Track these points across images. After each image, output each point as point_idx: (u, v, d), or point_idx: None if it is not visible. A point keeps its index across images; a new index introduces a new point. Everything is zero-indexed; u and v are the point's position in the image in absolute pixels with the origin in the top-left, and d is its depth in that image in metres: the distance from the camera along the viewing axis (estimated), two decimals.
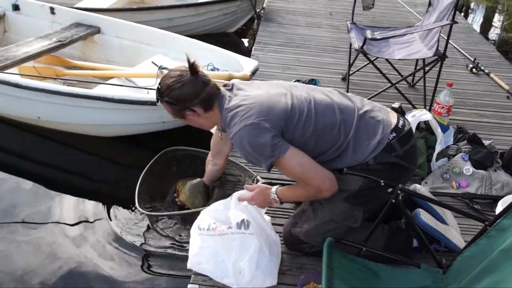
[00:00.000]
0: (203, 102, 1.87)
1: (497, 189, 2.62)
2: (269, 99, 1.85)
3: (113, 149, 3.47)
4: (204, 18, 5.38)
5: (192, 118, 1.92)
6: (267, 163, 1.79)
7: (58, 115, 3.33)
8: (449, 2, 3.22)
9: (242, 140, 1.78)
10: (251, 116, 1.78)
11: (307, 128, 1.83)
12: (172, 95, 1.85)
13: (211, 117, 1.93)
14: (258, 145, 1.76)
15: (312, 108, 1.86)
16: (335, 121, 1.87)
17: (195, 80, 1.86)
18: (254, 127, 1.76)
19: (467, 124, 3.35)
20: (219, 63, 3.55)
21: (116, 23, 4.29)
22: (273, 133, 1.76)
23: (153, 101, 3.00)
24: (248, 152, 1.79)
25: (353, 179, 1.88)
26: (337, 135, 1.86)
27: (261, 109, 1.80)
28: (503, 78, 4.21)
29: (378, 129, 1.88)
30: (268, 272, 1.95)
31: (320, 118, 1.86)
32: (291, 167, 1.81)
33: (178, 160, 2.84)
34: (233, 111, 1.84)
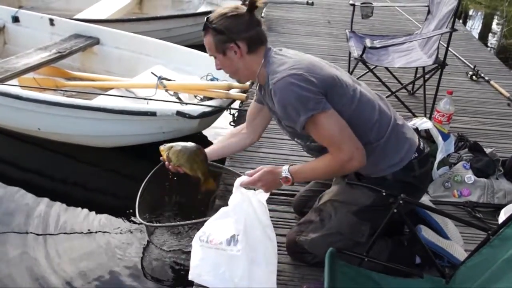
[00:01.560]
0: (251, 40, 1.80)
1: (499, 197, 2.60)
2: (320, 62, 1.83)
3: (113, 160, 3.47)
4: None
5: (232, 56, 1.82)
6: (305, 116, 1.69)
7: (59, 126, 3.33)
8: (448, 10, 3.23)
9: (286, 86, 1.70)
10: (300, 68, 1.73)
11: (345, 110, 1.77)
12: (222, 23, 1.78)
13: (252, 62, 1.84)
14: (303, 95, 1.68)
15: (357, 94, 1.83)
16: (373, 118, 1.84)
17: (250, 15, 1.80)
18: (303, 78, 1.70)
19: (468, 132, 3.34)
20: (219, 73, 3.52)
21: (115, 34, 4.30)
22: (318, 89, 1.71)
23: (153, 111, 3.01)
24: (289, 101, 1.70)
25: (366, 194, 1.87)
26: (368, 133, 1.82)
27: (311, 67, 1.76)
28: (503, 85, 4.20)
29: (405, 146, 1.87)
30: (265, 281, 1.90)
31: (360, 107, 1.82)
32: (329, 126, 1.72)
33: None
34: (282, 59, 1.79)
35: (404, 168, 1.85)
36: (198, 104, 3.11)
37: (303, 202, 2.31)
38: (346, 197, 1.95)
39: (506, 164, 2.79)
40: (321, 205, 2.01)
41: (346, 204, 1.91)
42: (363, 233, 1.91)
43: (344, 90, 1.80)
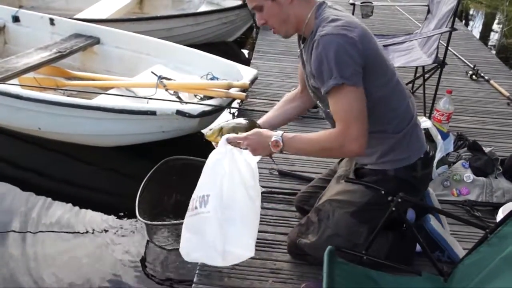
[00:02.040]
0: None
1: (498, 196, 2.60)
2: (370, 34, 1.72)
3: (113, 159, 3.48)
4: (203, 27, 5.40)
5: (282, 1, 1.69)
6: (335, 82, 1.59)
7: (59, 126, 3.34)
8: (448, 9, 3.23)
9: (333, 43, 1.59)
10: (353, 31, 1.62)
11: (376, 91, 1.72)
12: None
13: (301, 9, 1.71)
14: (345, 60, 1.59)
15: (394, 81, 1.79)
16: (398, 110, 1.81)
17: None
18: (352, 42, 1.60)
19: (467, 131, 3.34)
20: (219, 72, 3.56)
21: (116, 33, 4.31)
22: (360, 61, 1.62)
23: (153, 110, 3.02)
24: (328, 59, 1.59)
25: (364, 192, 1.86)
26: (389, 122, 1.79)
27: (363, 35, 1.65)
28: (503, 84, 4.20)
29: (415, 146, 1.86)
30: (241, 245, 1.82)
31: (391, 94, 1.78)
32: (351, 102, 1.63)
33: (179, 169, 2.83)
34: (336, 15, 1.68)
35: (407, 167, 1.84)
36: (198, 103, 3.12)
37: (304, 199, 2.29)
38: (345, 196, 1.93)
39: (505, 163, 2.79)
40: (320, 205, 2.00)
41: (344, 204, 1.89)
42: (361, 234, 1.90)
43: (383, 71, 1.74)
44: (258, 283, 2.02)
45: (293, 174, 2.74)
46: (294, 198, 2.38)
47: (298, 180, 2.70)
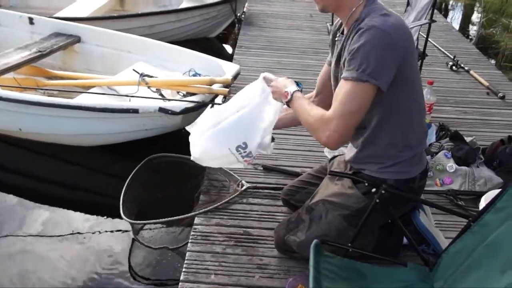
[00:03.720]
0: None
1: (480, 185, 2.64)
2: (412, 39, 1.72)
3: (96, 159, 3.45)
4: (185, 24, 5.37)
5: None
6: (359, 76, 1.56)
7: (40, 126, 3.30)
8: (427, 1, 3.27)
9: (378, 39, 1.55)
10: (401, 33, 1.60)
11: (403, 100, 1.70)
12: None
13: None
14: (382, 61, 1.56)
15: (420, 94, 1.80)
16: (419, 126, 1.81)
17: None
18: (396, 45, 1.57)
19: (449, 121, 3.37)
20: (201, 69, 3.54)
21: (96, 31, 4.26)
22: (397, 66, 1.59)
23: (135, 108, 3.00)
24: (367, 52, 1.55)
25: (359, 199, 1.84)
26: (406, 136, 1.77)
27: (409, 37, 1.64)
28: (482, 74, 4.25)
29: (420, 163, 1.85)
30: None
31: (416, 108, 1.77)
32: (357, 95, 1.59)
33: (162, 167, 2.82)
34: (387, 11, 1.65)
35: (408, 179, 1.82)
36: (181, 100, 3.10)
37: (291, 193, 2.28)
38: (340, 199, 1.90)
39: (486, 152, 2.84)
40: (313, 204, 1.97)
41: (338, 207, 1.87)
42: (349, 238, 1.87)
43: (413, 83, 1.72)
44: (245, 279, 2.03)
45: (278, 169, 2.75)
46: (279, 192, 2.39)
47: (282, 175, 2.71)
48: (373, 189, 1.80)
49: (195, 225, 2.32)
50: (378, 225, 1.96)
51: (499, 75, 4.44)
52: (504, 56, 5.78)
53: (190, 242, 2.22)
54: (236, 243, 2.21)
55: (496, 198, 1.60)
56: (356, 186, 1.87)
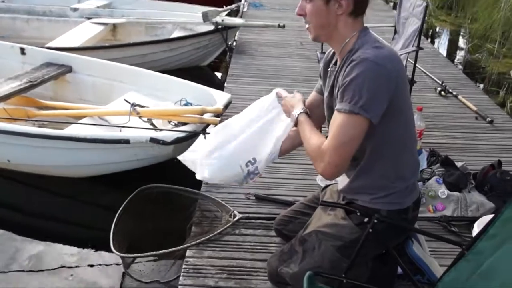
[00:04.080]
0: (360, 2, 1.66)
1: (472, 210, 2.65)
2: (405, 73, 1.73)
3: (86, 190, 3.40)
4: (177, 53, 5.41)
5: (333, 9, 1.65)
6: (352, 109, 1.56)
7: (30, 158, 3.27)
8: (414, 29, 3.32)
9: (371, 71, 1.55)
10: (395, 65, 1.61)
11: (395, 131, 1.70)
12: None
13: (346, 26, 1.67)
14: (376, 94, 1.56)
15: (412, 127, 1.80)
16: (412, 158, 1.81)
17: None
18: (390, 78, 1.58)
19: (439, 146, 3.40)
20: (192, 98, 3.54)
21: (88, 61, 4.27)
22: (389, 99, 1.59)
23: (126, 139, 2.99)
24: (360, 84, 1.55)
25: (353, 229, 1.82)
26: (399, 167, 1.77)
27: (402, 70, 1.65)
28: (470, 99, 4.31)
29: (412, 194, 1.84)
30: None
31: (409, 140, 1.78)
32: (351, 128, 1.59)
33: (154, 198, 2.80)
34: (380, 42, 1.66)
35: (400, 210, 1.81)
36: (172, 130, 3.10)
37: (284, 223, 2.24)
38: (333, 230, 1.87)
39: (477, 177, 2.86)
40: (306, 235, 1.94)
41: (331, 238, 1.85)
42: (343, 269, 1.84)
43: (405, 114, 1.73)
44: None
45: (270, 198, 2.74)
46: (272, 222, 2.36)
47: (275, 204, 2.70)
48: (366, 219, 1.79)
49: (187, 258, 2.29)
50: (372, 256, 1.95)
51: (486, 100, 4.52)
52: (491, 81, 5.87)
53: (182, 276, 2.19)
54: (229, 276, 2.18)
55: (489, 225, 1.60)
56: (349, 216, 1.86)
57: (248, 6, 7.68)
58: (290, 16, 6.39)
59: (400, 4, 3.73)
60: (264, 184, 2.85)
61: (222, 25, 5.43)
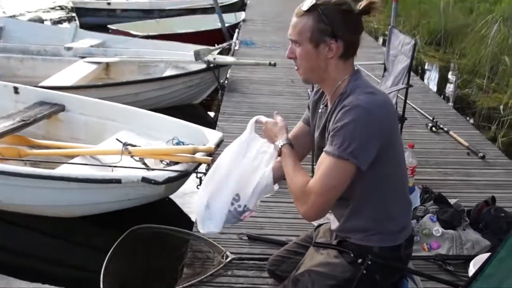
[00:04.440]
0: (350, 45, 1.64)
1: (468, 248, 2.63)
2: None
3: (78, 230, 3.37)
4: (169, 91, 5.45)
5: (323, 53, 1.62)
6: (341, 154, 1.55)
7: (21, 197, 3.24)
8: (403, 66, 3.37)
9: (364, 119, 1.54)
10: (387, 113, 1.61)
11: (385, 174, 1.69)
12: (332, 13, 1.59)
13: (336, 69, 1.65)
14: (366, 142, 1.55)
15: (403, 170, 1.79)
16: (398, 191, 1.78)
17: (360, 19, 1.64)
18: (382, 127, 1.58)
19: (432, 183, 3.38)
20: (184, 137, 3.55)
21: (81, 100, 4.29)
22: (380, 146, 1.59)
23: (118, 178, 2.98)
24: (352, 131, 1.54)
25: (345, 268, 1.78)
26: (391, 211, 1.75)
27: (394, 116, 1.67)
28: (461, 134, 4.33)
29: (405, 231, 1.81)
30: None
31: (401, 182, 1.77)
32: (339, 173, 1.57)
33: (146, 238, 2.77)
34: (373, 88, 1.65)
35: (393, 247, 1.78)
36: (164, 170, 3.09)
37: (277, 263, 2.20)
38: (326, 269, 1.84)
39: (471, 214, 2.84)
40: (299, 274, 1.90)
41: (324, 277, 1.81)
42: None
43: (396, 159, 1.71)
44: None
45: (263, 238, 2.71)
46: (265, 263, 2.33)
47: (268, 244, 2.67)
48: (359, 260, 1.77)
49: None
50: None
51: (477, 135, 4.54)
52: (481, 116, 5.92)
53: None
54: None
55: (485, 264, 1.58)
56: (341, 255, 1.84)
57: (240, 44, 7.83)
58: (281, 54, 6.45)
59: (389, 42, 3.79)
60: (256, 224, 2.82)
61: (214, 63, 5.50)
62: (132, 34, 7.96)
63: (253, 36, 8.70)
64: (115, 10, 11.02)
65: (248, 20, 10.24)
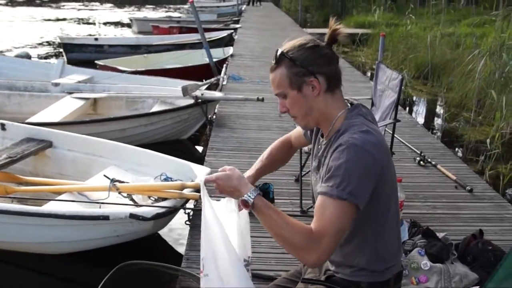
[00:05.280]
0: (331, 77, 1.63)
1: (456, 282, 2.62)
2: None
3: (65, 267, 3.33)
4: (157, 127, 5.47)
5: (308, 93, 1.63)
6: (339, 194, 1.52)
7: (7, 235, 3.21)
8: (390, 102, 3.42)
9: (359, 158, 1.53)
10: (382, 152, 1.59)
11: (378, 215, 1.67)
12: (302, 54, 1.61)
13: (327, 104, 1.65)
14: (363, 181, 1.54)
15: (393, 201, 1.75)
16: (388, 232, 1.74)
17: (330, 49, 1.65)
18: (377, 166, 1.56)
19: (420, 217, 3.40)
20: (172, 172, 3.56)
21: (68, 136, 4.30)
22: (375, 185, 1.57)
23: (105, 215, 2.96)
24: (348, 171, 1.52)
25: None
26: (380, 247, 1.73)
27: (388, 156, 1.64)
28: (449, 168, 4.35)
29: (393, 267, 1.78)
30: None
31: (387, 213, 1.72)
32: (340, 215, 1.53)
33: (134, 275, 2.73)
34: (369, 126, 1.61)
35: (382, 282, 1.76)
36: (152, 206, 3.08)
37: None
38: None
39: (459, 248, 2.85)
40: None
41: None
42: None
43: (388, 200, 1.69)
44: None
45: (252, 273, 2.67)
46: None
47: (257, 280, 2.63)
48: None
49: None
50: None
51: (465, 168, 4.57)
52: (469, 149, 6.00)
53: None
54: None
55: None
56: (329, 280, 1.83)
57: (228, 79, 7.90)
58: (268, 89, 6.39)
59: (376, 77, 3.85)
60: (267, 260, 2.80)
61: (202, 99, 5.55)
62: (119, 70, 8.03)
63: (241, 71, 8.81)
64: (103, 45, 11.13)
65: (236, 55, 10.39)
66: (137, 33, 16.67)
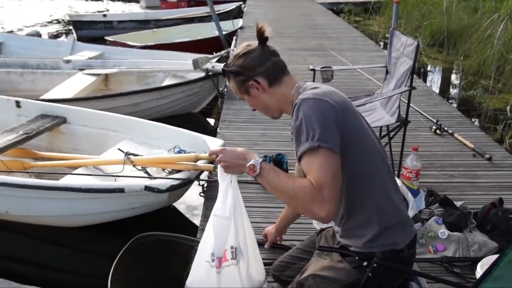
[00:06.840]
0: (268, 72, 1.79)
1: (474, 250, 2.59)
2: (352, 105, 1.78)
3: (83, 239, 3.38)
4: (169, 100, 5.46)
5: (256, 94, 1.81)
6: (310, 145, 1.58)
7: (27, 208, 3.26)
8: (405, 69, 3.34)
9: (311, 106, 1.62)
10: (333, 98, 1.67)
11: (357, 165, 1.71)
12: (237, 63, 1.80)
13: (278, 94, 1.81)
14: (323, 123, 1.60)
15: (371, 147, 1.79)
16: (377, 182, 1.77)
17: (261, 49, 1.80)
18: (332, 108, 1.63)
19: (437, 186, 3.35)
20: (186, 145, 3.55)
21: (82, 112, 4.31)
22: (338, 129, 1.63)
23: (121, 188, 2.97)
24: (306, 121, 1.60)
25: (350, 272, 1.78)
26: (384, 208, 1.76)
27: (344, 103, 1.71)
28: (467, 136, 4.27)
29: (405, 232, 1.81)
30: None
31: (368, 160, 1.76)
32: (324, 163, 1.58)
33: (151, 245, 2.76)
34: (315, 85, 1.76)
35: (395, 250, 1.77)
36: (166, 178, 3.08)
37: (281, 268, 2.22)
38: (330, 273, 1.83)
39: (478, 216, 2.80)
40: (303, 279, 1.90)
41: (328, 281, 1.81)
42: None
43: (366, 146, 1.75)
44: None
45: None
46: (269, 268, 2.31)
47: (272, 249, 2.64)
48: (365, 263, 1.75)
49: None
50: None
51: (484, 137, 4.47)
52: (487, 117, 5.88)
53: None
54: None
55: (493, 266, 1.55)
56: (345, 259, 1.83)
57: None
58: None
59: (391, 45, 3.76)
60: (260, 229, 2.79)
61: (212, 71, 5.51)
62: (129, 45, 8.01)
63: None
64: (112, 22, 11.13)
65: (245, 27, 10.26)
66: (145, 8, 16.57)
